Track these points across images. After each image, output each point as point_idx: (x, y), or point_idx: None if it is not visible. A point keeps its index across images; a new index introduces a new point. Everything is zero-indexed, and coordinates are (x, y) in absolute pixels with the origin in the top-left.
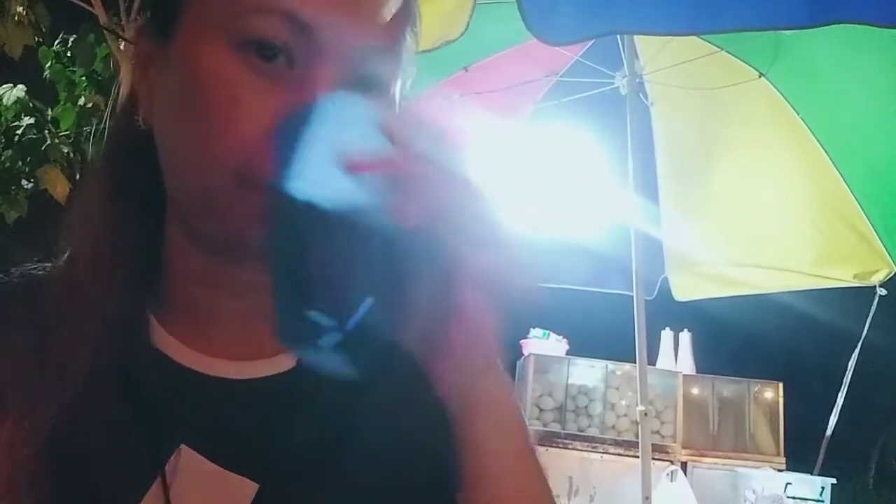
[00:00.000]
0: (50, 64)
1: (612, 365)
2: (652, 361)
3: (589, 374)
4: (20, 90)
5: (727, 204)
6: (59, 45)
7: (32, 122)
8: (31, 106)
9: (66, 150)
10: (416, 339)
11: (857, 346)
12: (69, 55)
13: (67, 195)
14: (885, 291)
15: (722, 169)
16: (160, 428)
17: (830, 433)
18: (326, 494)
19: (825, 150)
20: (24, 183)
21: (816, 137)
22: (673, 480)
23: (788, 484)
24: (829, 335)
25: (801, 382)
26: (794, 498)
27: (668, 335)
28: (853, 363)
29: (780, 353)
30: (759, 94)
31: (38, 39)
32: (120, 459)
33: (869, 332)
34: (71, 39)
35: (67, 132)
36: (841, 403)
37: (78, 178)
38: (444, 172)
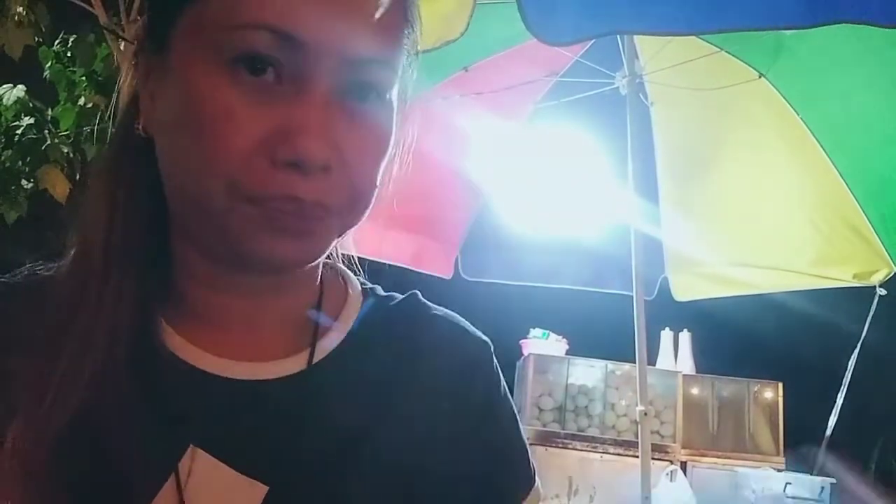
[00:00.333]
0: (50, 64)
1: (611, 365)
2: (652, 361)
3: (589, 374)
4: (20, 90)
5: (727, 204)
6: (59, 45)
7: (32, 122)
8: (31, 106)
9: (66, 150)
10: None
11: (857, 346)
12: (69, 55)
13: (67, 195)
14: (884, 291)
15: (722, 169)
16: (172, 428)
17: (830, 433)
18: (335, 497)
19: (825, 150)
20: (24, 183)
21: (816, 137)
22: (672, 480)
23: (788, 484)
24: (829, 335)
25: (801, 382)
26: (793, 498)
27: (668, 335)
28: (853, 363)
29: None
30: (759, 94)
31: (38, 39)
32: (131, 459)
33: (869, 332)
34: (71, 39)
35: (67, 132)
36: (841, 403)
37: (78, 178)
38: None
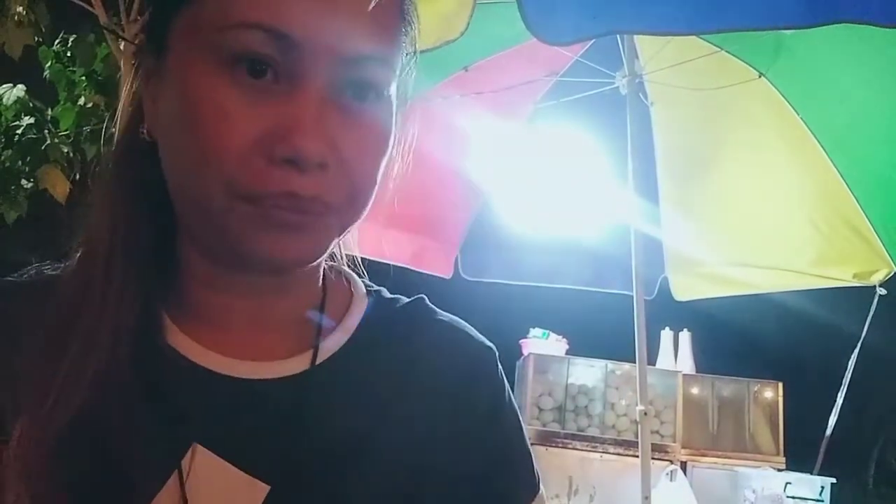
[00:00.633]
0: (50, 64)
1: (611, 365)
2: (652, 361)
3: (589, 373)
4: (20, 90)
5: (727, 204)
6: (59, 45)
7: (32, 121)
8: (31, 106)
9: (65, 150)
10: None
11: (856, 346)
12: (69, 55)
13: (67, 195)
14: (884, 291)
15: (722, 169)
16: (174, 426)
17: (830, 433)
18: (337, 498)
19: (825, 149)
20: (24, 183)
21: (816, 137)
22: (672, 480)
23: (788, 484)
24: (829, 335)
25: (800, 382)
26: (793, 498)
27: (667, 335)
28: (853, 363)
29: (780, 353)
30: (759, 94)
31: (38, 39)
32: (133, 457)
33: (869, 332)
34: (71, 39)
35: (67, 132)
36: (841, 403)
37: (78, 177)
38: None
